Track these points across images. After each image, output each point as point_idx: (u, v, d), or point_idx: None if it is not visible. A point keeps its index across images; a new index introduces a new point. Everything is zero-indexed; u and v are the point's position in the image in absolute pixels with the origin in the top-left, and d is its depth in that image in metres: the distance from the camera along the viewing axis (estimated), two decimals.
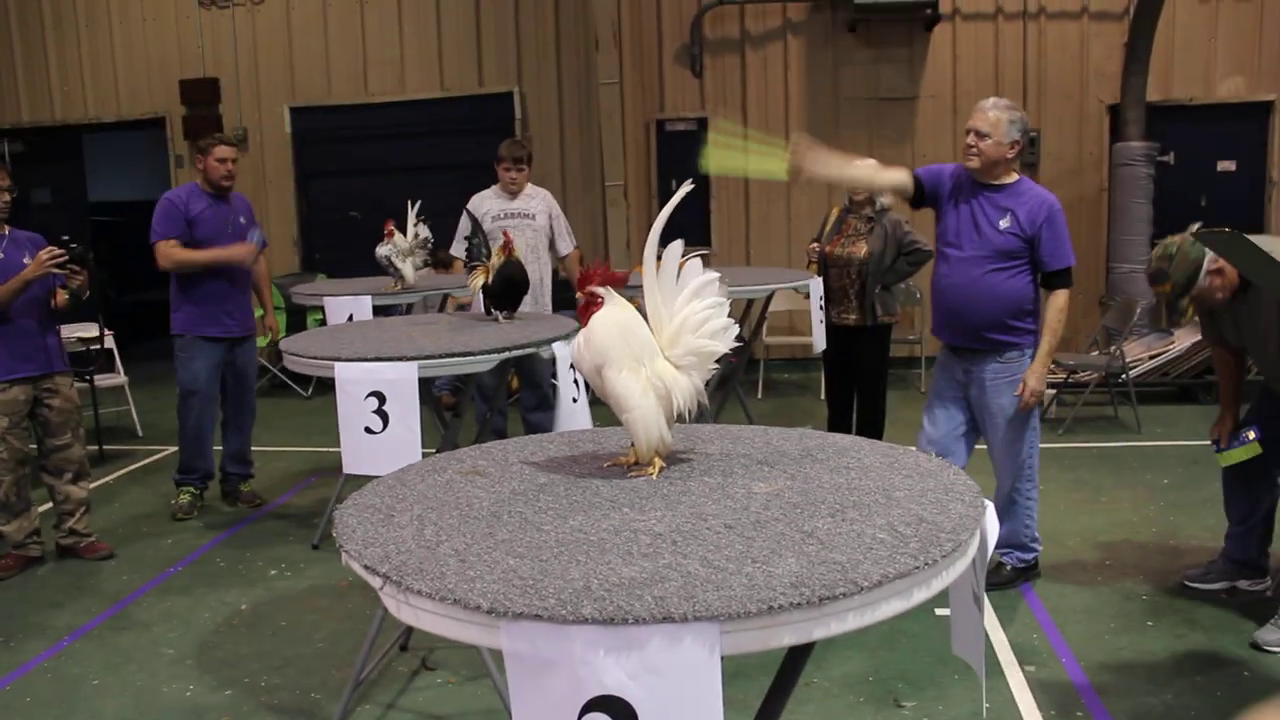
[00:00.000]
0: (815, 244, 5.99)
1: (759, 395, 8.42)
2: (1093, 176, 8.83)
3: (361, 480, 5.35)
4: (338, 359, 3.28)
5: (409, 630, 3.90)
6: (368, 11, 9.67)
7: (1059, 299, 4.07)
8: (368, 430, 3.23)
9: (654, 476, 1.89)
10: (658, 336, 1.90)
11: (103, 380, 7.18)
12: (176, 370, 5.53)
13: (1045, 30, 8.80)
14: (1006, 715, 3.34)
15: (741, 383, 7.01)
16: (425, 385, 3.27)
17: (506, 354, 3.37)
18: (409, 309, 5.38)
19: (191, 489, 5.69)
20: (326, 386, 9.02)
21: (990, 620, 4.02)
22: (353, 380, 3.22)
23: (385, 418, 3.22)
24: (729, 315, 1.93)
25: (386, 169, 9.71)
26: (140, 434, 7.52)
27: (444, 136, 9.58)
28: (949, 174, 4.13)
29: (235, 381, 5.65)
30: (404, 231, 5.02)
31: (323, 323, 8.67)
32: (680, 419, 1.93)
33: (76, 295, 4.77)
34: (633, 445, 1.96)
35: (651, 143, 9.31)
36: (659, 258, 1.89)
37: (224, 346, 5.51)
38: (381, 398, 3.21)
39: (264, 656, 3.95)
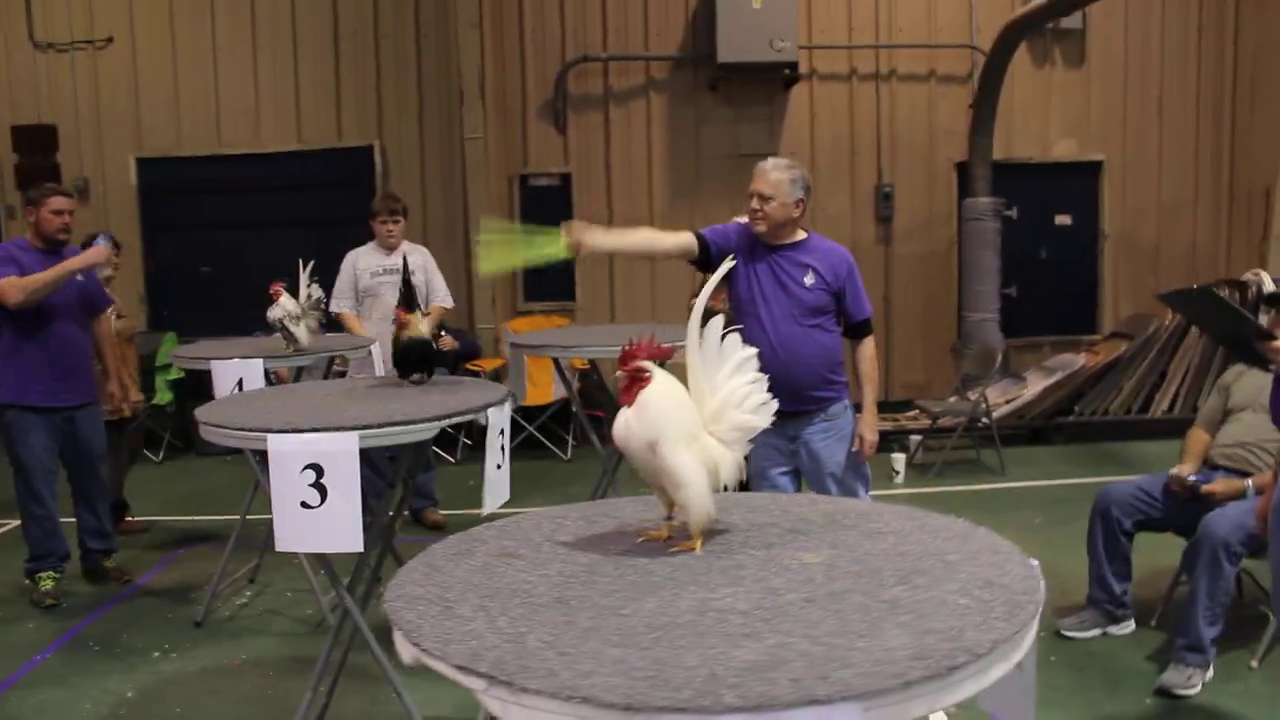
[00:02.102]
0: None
1: None
2: (943, 230, 9.28)
3: (240, 556, 5.07)
4: (269, 430, 3.11)
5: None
6: (221, 58, 9.29)
7: (869, 348, 4.12)
8: (304, 505, 3.07)
9: (698, 551, 1.87)
10: (700, 411, 1.88)
11: None
12: (7, 447, 5.06)
13: (896, 91, 9.24)
14: None
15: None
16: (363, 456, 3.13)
17: (448, 421, 3.27)
18: (300, 374, 5.16)
19: (52, 573, 5.21)
20: (177, 450, 8.57)
21: None
22: (288, 453, 3.06)
23: (323, 491, 3.07)
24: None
25: (240, 223, 9.35)
26: None
27: (301, 190, 9.29)
28: (735, 233, 4.04)
29: (78, 455, 5.19)
30: (295, 293, 4.82)
31: (181, 384, 8.28)
32: (719, 492, 1.92)
33: None
34: (667, 519, 1.93)
35: (515, 197, 9.28)
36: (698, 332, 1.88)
37: (59, 417, 5.07)
38: (319, 470, 3.06)
39: None
